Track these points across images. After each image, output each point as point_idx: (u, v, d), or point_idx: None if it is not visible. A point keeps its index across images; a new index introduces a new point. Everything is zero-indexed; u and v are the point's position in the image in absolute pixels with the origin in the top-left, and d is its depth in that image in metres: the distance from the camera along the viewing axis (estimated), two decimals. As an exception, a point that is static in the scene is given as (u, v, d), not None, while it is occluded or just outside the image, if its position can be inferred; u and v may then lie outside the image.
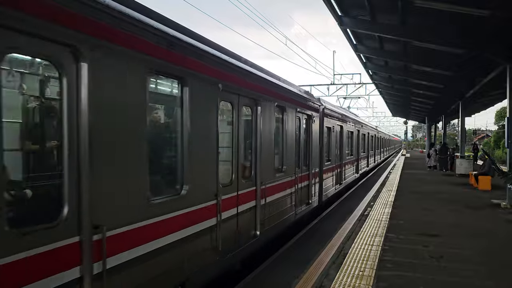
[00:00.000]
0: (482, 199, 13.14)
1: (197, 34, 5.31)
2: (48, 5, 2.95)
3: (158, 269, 4.31)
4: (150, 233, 4.14)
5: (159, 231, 4.30)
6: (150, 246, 4.14)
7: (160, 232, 4.31)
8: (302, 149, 10.14)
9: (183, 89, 4.86)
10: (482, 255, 6.80)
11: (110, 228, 3.51)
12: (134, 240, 3.90)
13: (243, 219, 6.50)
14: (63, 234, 3.06)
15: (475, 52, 12.99)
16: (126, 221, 3.77)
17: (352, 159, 19.30)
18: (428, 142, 39.70)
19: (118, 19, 3.67)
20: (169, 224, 4.48)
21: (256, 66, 7.38)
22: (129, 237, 3.81)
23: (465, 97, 21.15)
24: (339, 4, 13.03)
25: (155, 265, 4.24)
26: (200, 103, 5.20)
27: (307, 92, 11.50)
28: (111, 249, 3.52)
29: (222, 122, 6.03)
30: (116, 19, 3.65)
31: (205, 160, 5.37)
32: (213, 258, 5.50)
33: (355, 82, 32.83)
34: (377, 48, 17.35)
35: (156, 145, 4.84)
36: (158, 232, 4.28)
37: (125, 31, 3.78)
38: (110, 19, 3.57)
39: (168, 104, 5.43)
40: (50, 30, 2.97)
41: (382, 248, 6.99)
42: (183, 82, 4.84)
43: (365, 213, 10.30)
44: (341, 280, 5.41)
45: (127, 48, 3.81)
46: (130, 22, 3.83)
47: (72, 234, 3.12)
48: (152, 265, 4.18)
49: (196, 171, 5.08)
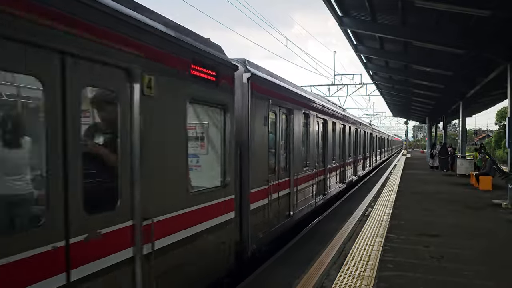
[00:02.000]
0: (483, 199, 13.13)
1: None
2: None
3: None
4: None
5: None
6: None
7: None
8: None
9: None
10: (482, 255, 6.80)
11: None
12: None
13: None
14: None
15: (475, 52, 12.99)
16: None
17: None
18: (429, 142, 39.67)
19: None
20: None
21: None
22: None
23: (465, 97, 21.14)
24: (340, 5, 13.04)
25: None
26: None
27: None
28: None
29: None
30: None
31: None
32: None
33: (355, 82, 32.86)
34: (378, 48, 17.37)
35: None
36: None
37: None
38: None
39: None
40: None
41: (383, 249, 6.99)
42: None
43: (366, 214, 10.30)
44: (342, 281, 5.41)
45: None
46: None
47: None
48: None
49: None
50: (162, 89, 4.04)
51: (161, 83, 4.00)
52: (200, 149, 5.83)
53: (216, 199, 5.29)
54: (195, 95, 4.78)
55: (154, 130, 3.98)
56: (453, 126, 66.96)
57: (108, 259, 3.35)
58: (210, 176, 5.70)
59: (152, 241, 3.91)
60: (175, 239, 4.34)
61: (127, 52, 3.58)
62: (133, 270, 3.64)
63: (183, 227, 4.50)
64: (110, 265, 3.37)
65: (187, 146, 4.64)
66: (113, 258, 3.42)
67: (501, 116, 51.56)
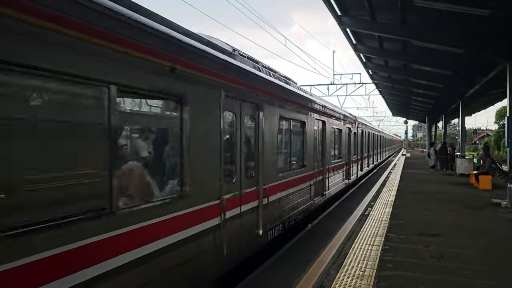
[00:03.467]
0: (483, 199, 13.13)
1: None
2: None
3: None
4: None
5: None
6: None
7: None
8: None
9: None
10: (482, 255, 6.79)
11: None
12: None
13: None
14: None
15: (475, 51, 12.98)
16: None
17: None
18: (428, 142, 39.66)
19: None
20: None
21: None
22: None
23: (465, 97, 21.12)
24: (339, 4, 13.03)
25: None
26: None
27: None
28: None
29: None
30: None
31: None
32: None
33: (355, 82, 32.84)
34: (377, 48, 17.35)
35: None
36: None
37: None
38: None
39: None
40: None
41: (383, 248, 6.99)
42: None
43: (365, 213, 10.29)
44: (341, 280, 5.40)
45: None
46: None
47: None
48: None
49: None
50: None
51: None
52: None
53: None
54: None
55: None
56: (452, 125, 67.01)
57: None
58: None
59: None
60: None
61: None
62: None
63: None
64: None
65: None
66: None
67: (501, 115, 51.58)
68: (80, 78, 3.32)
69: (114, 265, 3.56)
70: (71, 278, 3.15)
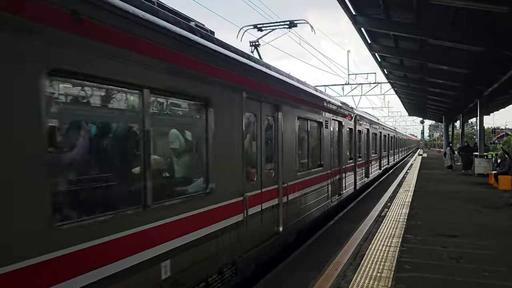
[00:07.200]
0: (502, 199, 12.88)
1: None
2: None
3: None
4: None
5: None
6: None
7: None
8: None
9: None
10: (503, 255, 6.66)
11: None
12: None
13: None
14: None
15: (492, 49, 12.76)
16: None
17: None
18: (445, 142, 39.06)
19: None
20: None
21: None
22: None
23: (483, 95, 20.70)
24: (353, 3, 12.97)
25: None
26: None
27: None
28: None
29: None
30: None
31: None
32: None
33: (370, 81, 32.60)
34: (392, 47, 17.21)
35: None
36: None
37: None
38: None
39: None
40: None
41: (400, 249, 6.91)
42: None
43: (382, 214, 10.20)
44: (358, 282, 5.37)
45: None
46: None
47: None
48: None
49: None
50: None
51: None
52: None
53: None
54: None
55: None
56: (470, 124, 65.87)
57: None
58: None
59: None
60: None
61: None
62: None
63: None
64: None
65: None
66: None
67: (520, 114, 50.37)
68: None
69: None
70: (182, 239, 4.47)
